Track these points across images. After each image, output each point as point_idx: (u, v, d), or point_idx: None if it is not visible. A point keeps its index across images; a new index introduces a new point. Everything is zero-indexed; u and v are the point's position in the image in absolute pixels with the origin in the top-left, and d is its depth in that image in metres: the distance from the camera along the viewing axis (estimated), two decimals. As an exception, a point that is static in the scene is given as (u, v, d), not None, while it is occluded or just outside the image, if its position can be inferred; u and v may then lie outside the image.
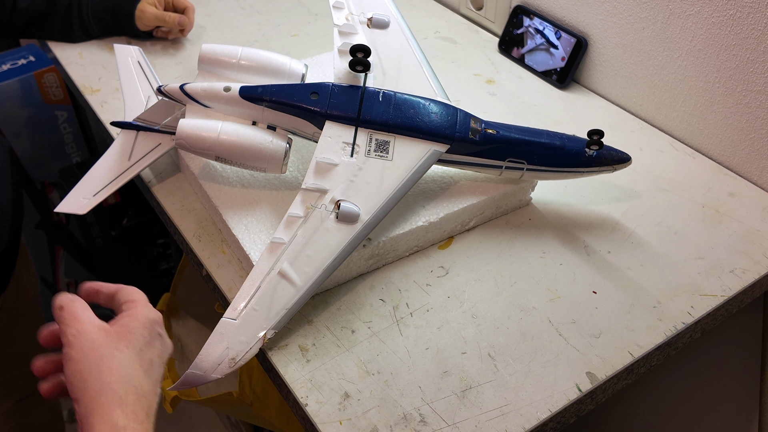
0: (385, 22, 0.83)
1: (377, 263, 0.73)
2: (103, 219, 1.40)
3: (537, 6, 1.04)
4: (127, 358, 0.50)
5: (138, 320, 0.53)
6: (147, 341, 0.52)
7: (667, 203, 0.82)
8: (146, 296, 0.56)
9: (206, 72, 0.79)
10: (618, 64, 0.96)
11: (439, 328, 0.68)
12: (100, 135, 1.34)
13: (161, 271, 1.55)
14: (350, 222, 0.66)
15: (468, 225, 0.78)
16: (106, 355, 0.49)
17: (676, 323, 0.68)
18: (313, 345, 0.66)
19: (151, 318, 0.54)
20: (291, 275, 0.64)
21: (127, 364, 0.50)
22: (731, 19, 0.80)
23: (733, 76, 0.82)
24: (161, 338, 0.54)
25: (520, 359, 0.65)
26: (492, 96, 0.99)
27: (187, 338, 1.10)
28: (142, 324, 0.53)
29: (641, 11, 0.89)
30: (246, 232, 0.72)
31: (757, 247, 0.77)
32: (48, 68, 1.28)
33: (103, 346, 0.50)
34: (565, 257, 0.75)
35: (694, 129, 0.90)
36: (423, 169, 0.71)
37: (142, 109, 0.83)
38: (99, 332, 0.51)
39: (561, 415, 0.62)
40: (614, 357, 0.65)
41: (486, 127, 0.74)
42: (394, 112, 0.72)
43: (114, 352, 0.50)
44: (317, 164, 0.69)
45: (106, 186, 0.78)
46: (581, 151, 0.74)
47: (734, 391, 0.94)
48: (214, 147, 0.72)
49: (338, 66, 0.76)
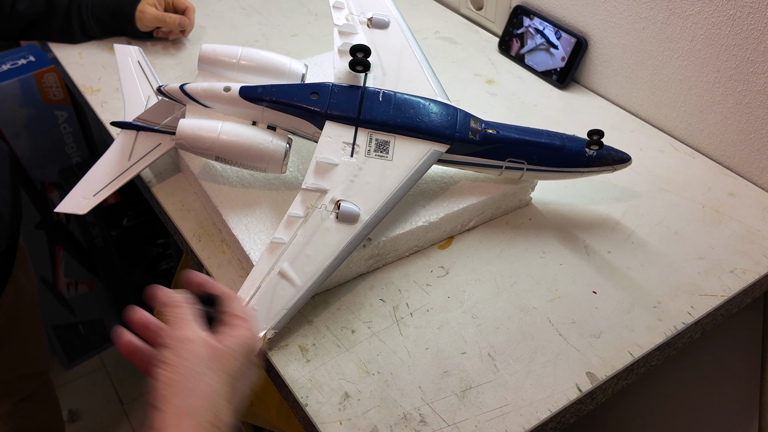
0: (385, 22, 0.83)
1: (377, 263, 0.73)
2: (103, 219, 1.40)
3: (537, 6, 1.04)
4: (220, 384, 0.49)
5: (241, 345, 0.51)
6: (241, 370, 0.51)
7: (667, 203, 0.82)
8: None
9: (206, 72, 0.79)
10: (618, 64, 0.96)
11: (439, 328, 0.68)
12: (100, 135, 1.34)
13: (161, 271, 1.55)
14: (350, 222, 0.66)
15: (468, 225, 0.78)
16: (203, 375, 0.48)
17: (676, 323, 0.69)
18: (313, 345, 0.66)
19: (252, 346, 0.52)
20: (291, 275, 0.64)
21: (217, 390, 0.48)
22: (731, 19, 0.80)
23: (733, 76, 0.82)
24: (253, 368, 0.52)
25: (520, 359, 0.65)
26: (492, 96, 0.99)
27: (187, 338, 1.10)
28: (243, 351, 0.51)
29: (641, 11, 0.89)
30: (246, 232, 0.72)
31: (757, 247, 0.77)
32: (48, 68, 1.28)
33: (203, 363, 0.48)
34: (565, 257, 0.75)
35: (694, 129, 0.90)
36: (423, 169, 0.71)
37: (142, 109, 0.83)
38: (203, 347, 0.49)
39: (561, 415, 0.62)
40: (614, 357, 0.65)
41: (486, 127, 0.74)
42: (394, 112, 0.72)
43: (211, 374, 0.48)
44: (317, 164, 0.69)
45: (106, 186, 0.78)
46: (581, 151, 0.74)
47: (734, 391, 0.94)
48: (214, 147, 0.72)
49: (338, 66, 0.76)
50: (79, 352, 1.68)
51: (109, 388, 1.66)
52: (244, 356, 0.51)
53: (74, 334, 1.64)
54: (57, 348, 1.63)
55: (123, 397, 1.65)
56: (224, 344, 0.51)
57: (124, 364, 1.70)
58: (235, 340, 0.51)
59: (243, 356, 0.51)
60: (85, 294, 1.59)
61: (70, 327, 1.62)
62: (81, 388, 1.66)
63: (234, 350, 0.51)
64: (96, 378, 1.68)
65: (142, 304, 0.56)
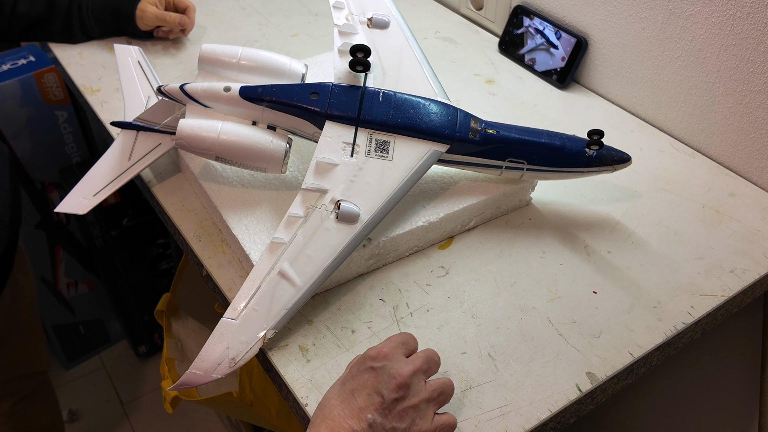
0: (385, 22, 0.83)
1: (377, 263, 0.73)
2: (103, 219, 1.40)
3: (537, 6, 1.04)
4: (333, 390, 0.55)
5: (357, 360, 0.57)
6: (353, 375, 0.55)
7: (667, 203, 0.82)
8: (403, 339, 0.58)
9: (206, 72, 0.79)
10: (618, 64, 0.96)
11: (439, 328, 0.68)
12: (100, 135, 1.34)
13: (161, 271, 1.55)
14: (350, 222, 0.66)
15: (468, 225, 0.78)
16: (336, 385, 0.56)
17: (676, 323, 0.69)
18: (313, 345, 0.66)
19: (368, 355, 0.56)
20: (291, 275, 0.64)
21: (330, 396, 0.55)
22: (731, 19, 0.80)
23: (733, 76, 0.82)
24: (372, 371, 0.55)
25: (520, 359, 0.65)
26: (492, 96, 0.99)
27: (187, 338, 1.10)
28: (357, 361, 0.57)
29: (641, 11, 0.89)
30: (246, 232, 0.72)
31: (757, 247, 0.77)
32: (48, 68, 1.28)
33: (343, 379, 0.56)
34: (565, 257, 0.75)
35: (694, 129, 0.90)
36: (423, 169, 0.71)
37: (142, 109, 0.83)
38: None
39: (561, 415, 0.62)
40: (614, 357, 0.65)
41: (486, 127, 0.74)
42: (394, 112, 0.72)
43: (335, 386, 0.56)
44: (317, 164, 0.69)
45: (106, 186, 0.78)
46: (581, 151, 0.74)
47: (734, 391, 0.94)
48: (214, 147, 0.72)
49: (338, 66, 0.76)
50: (79, 352, 1.68)
51: (109, 388, 1.66)
52: (356, 365, 0.57)
53: (74, 334, 1.64)
54: (57, 348, 1.63)
55: (123, 397, 1.65)
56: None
57: (124, 364, 1.70)
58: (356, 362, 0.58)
59: (355, 365, 0.57)
60: (85, 294, 1.59)
61: (70, 327, 1.62)
62: (81, 388, 1.66)
63: (352, 368, 0.57)
64: (96, 378, 1.68)
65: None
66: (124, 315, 1.59)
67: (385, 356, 0.55)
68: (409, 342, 0.58)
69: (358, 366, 0.56)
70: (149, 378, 1.68)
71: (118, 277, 1.51)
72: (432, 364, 0.57)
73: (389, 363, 0.55)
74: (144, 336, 1.65)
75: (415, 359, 0.56)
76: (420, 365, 0.56)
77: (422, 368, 0.56)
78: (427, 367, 0.56)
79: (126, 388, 1.66)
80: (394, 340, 0.57)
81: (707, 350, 0.92)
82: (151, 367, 1.70)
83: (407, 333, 0.59)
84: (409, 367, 0.55)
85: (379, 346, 0.57)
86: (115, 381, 1.68)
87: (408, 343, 0.58)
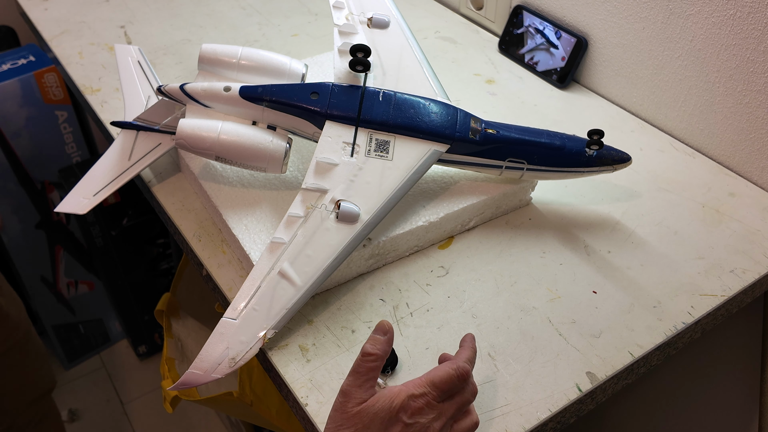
0: (385, 22, 0.83)
1: (377, 263, 0.73)
2: (103, 219, 1.40)
3: (537, 6, 1.04)
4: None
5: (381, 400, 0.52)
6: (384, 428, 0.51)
7: (667, 203, 0.82)
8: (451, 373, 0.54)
9: (206, 72, 0.79)
10: (618, 64, 0.96)
11: (439, 328, 0.68)
12: (100, 135, 1.34)
13: (161, 271, 1.55)
14: (350, 222, 0.66)
15: (468, 225, 0.78)
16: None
17: (676, 323, 0.69)
18: (313, 345, 0.66)
19: (402, 405, 0.52)
20: (291, 275, 0.64)
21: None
22: (731, 19, 0.80)
23: (733, 76, 0.82)
24: (401, 423, 0.51)
25: (520, 359, 0.65)
26: (492, 96, 0.99)
27: (187, 338, 1.10)
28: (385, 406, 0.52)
29: (641, 11, 0.89)
30: (246, 232, 0.72)
31: (757, 247, 0.77)
32: (48, 68, 1.28)
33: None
34: (565, 257, 0.75)
35: (694, 129, 0.90)
36: (423, 169, 0.71)
37: (142, 109, 0.83)
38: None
39: (561, 415, 0.62)
40: (614, 357, 0.65)
41: (486, 126, 0.74)
42: (394, 112, 0.72)
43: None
44: (317, 164, 0.69)
45: (106, 186, 0.78)
46: (581, 151, 0.74)
47: (734, 391, 0.94)
48: (214, 147, 0.72)
49: (338, 66, 0.76)
50: (79, 352, 1.68)
51: (109, 388, 1.66)
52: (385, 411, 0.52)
53: (74, 334, 1.64)
54: (57, 348, 1.63)
55: (123, 397, 1.65)
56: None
57: (124, 364, 1.70)
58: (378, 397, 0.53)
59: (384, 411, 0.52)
60: (85, 294, 1.59)
61: (70, 327, 1.62)
62: (81, 388, 1.66)
63: (375, 406, 0.53)
64: (96, 378, 1.68)
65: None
66: (124, 315, 1.59)
67: (419, 412, 0.52)
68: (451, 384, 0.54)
69: (389, 414, 0.51)
70: (149, 378, 1.68)
71: (118, 276, 1.51)
72: (464, 405, 0.55)
73: (422, 420, 0.52)
74: (144, 336, 1.65)
75: (448, 409, 0.53)
76: (453, 413, 0.54)
77: (454, 416, 0.54)
78: (458, 412, 0.54)
79: (126, 388, 1.66)
80: (435, 389, 0.53)
81: (707, 350, 0.92)
82: (151, 367, 1.70)
83: (450, 372, 0.54)
84: (439, 423, 0.52)
85: (415, 396, 0.53)
86: (115, 381, 1.68)
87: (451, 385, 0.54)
